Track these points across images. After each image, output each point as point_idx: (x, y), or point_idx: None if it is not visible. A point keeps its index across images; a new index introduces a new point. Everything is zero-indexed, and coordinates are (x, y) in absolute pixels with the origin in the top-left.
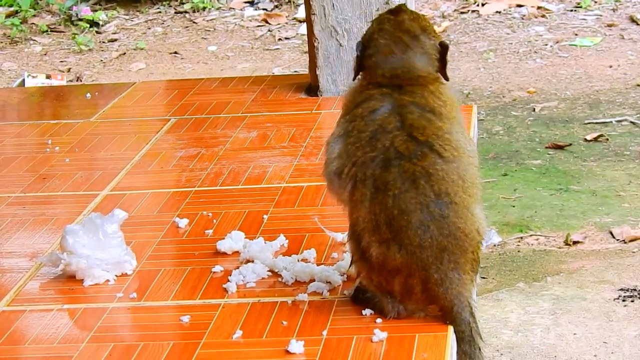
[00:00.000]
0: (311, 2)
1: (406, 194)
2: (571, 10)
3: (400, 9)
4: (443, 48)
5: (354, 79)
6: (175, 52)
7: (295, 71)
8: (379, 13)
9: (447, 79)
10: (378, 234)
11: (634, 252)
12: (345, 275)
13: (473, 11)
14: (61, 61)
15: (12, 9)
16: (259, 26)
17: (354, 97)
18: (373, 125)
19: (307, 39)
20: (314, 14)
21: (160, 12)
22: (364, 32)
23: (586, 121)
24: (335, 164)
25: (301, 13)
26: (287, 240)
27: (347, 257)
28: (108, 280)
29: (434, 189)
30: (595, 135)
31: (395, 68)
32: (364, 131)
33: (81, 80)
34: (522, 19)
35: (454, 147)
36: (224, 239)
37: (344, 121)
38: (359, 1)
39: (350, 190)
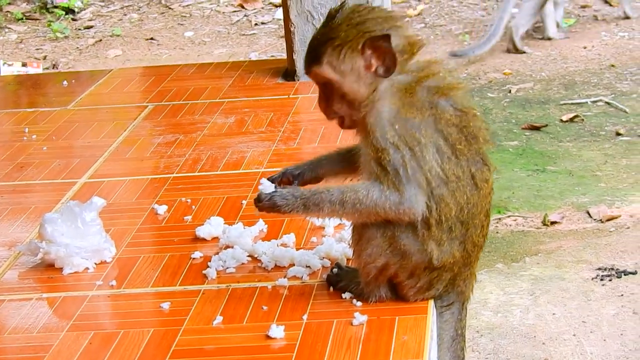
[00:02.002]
0: None
1: (486, 190)
2: None
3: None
4: None
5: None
6: (152, 39)
7: (272, 56)
8: None
9: None
10: (449, 232)
11: (610, 231)
12: (325, 260)
13: None
14: (37, 49)
15: None
16: (235, 11)
17: (414, 97)
18: (462, 124)
19: (283, 24)
20: None
21: None
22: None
23: (562, 102)
24: (427, 179)
25: None
26: (266, 225)
27: (327, 241)
28: (87, 268)
29: (492, 187)
30: (571, 115)
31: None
32: (459, 125)
33: (57, 68)
34: (497, 1)
35: None
36: (203, 225)
37: (417, 124)
38: None
39: (443, 189)
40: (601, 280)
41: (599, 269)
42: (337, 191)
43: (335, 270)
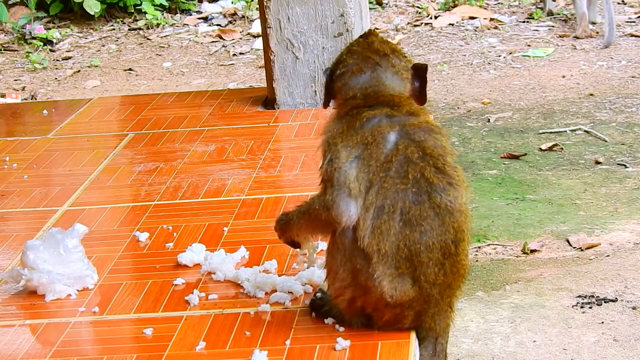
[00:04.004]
0: (267, 16)
1: (433, 231)
2: (523, 22)
3: (370, 33)
4: (420, 70)
5: (325, 107)
6: (130, 69)
7: (250, 86)
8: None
9: (425, 101)
10: (395, 267)
11: (590, 259)
12: (307, 286)
13: (426, 24)
14: (15, 80)
15: None
16: (213, 42)
17: (350, 121)
18: (394, 152)
19: (262, 53)
20: (269, 27)
21: (114, 29)
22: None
23: (541, 131)
24: (354, 188)
25: (255, 28)
26: (248, 252)
27: (314, 269)
28: (70, 295)
29: (454, 225)
30: (550, 144)
31: (365, 87)
32: (388, 160)
33: (36, 99)
34: (475, 31)
35: (459, 174)
36: (184, 251)
37: (350, 145)
38: (315, 14)
39: (372, 219)
40: (581, 307)
41: (579, 296)
42: (304, 203)
43: (318, 294)
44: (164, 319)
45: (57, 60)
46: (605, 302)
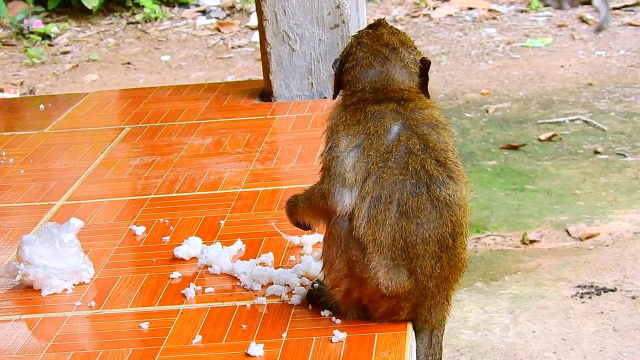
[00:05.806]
0: (263, 8)
1: (430, 224)
2: (521, 12)
3: (379, 24)
4: (424, 64)
5: (334, 97)
6: (128, 63)
7: (249, 79)
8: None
9: (427, 95)
10: (391, 258)
11: (589, 249)
12: (304, 278)
13: (424, 15)
14: (13, 74)
15: None
16: (211, 35)
17: (355, 113)
18: (395, 143)
19: (259, 46)
20: (265, 19)
21: (112, 23)
22: (342, 49)
23: (539, 121)
24: (350, 178)
25: (253, 21)
26: (244, 245)
27: (306, 259)
28: (66, 290)
29: (452, 219)
30: (549, 134)
31: (375, 81)
32: (388, 150)
33: (34, 93)
34: (474, 21)
35: (460, 169)
36: (181, 245)
37: (351, 134)
38: (310, 6)
39: (368, 209)
40: (581, 297)
41: (579, 286)
42: (310, 188)
43: (316, 285)
44: (161, 312)
45: (56, 54)
46: (604, 292)
